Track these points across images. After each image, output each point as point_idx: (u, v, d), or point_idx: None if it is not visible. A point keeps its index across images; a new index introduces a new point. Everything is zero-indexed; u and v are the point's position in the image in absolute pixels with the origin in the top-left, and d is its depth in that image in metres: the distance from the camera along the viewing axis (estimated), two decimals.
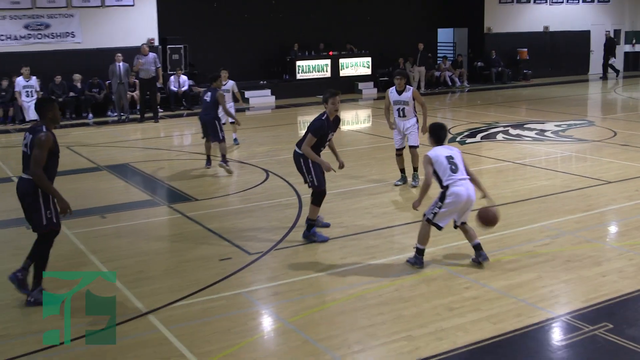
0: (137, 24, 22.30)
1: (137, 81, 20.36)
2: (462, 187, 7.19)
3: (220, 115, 12.76)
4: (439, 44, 30.93)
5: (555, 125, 17.10)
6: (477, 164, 12.89)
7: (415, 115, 11.01)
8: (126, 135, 17.58)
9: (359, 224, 9.10)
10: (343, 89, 25.74)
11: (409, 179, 11.36)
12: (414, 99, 10.85)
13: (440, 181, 7.26)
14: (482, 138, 15.68)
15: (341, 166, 8.66)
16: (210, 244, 8.49)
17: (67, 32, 21.42)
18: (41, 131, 6.45)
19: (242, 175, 12.46)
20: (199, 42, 24.29)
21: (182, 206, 10.35)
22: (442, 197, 7.23)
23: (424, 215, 7.38)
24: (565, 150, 14.12)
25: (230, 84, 15.21)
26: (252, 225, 9.23)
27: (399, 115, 10.95)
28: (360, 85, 26.24)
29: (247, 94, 24.09)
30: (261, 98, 24.29)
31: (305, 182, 8.47)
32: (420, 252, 7.44)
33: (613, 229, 8.93)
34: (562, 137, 15.61)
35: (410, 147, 11.06)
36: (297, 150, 8.42)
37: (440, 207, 7.25)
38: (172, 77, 22.29)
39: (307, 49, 26.15)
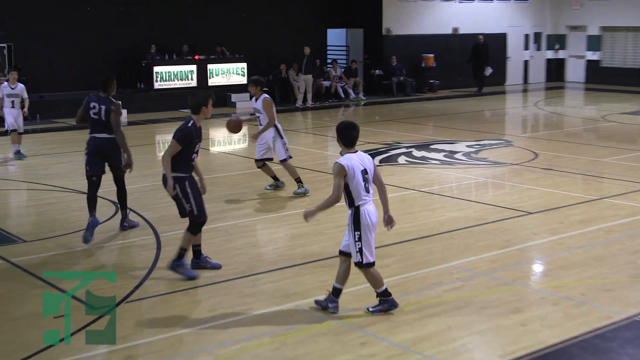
0: None
1: None
2: (372, 205, 7.42)
3: None
4: (329, 48, 31.54)
5: (467, 146, 17.74)
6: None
7: (275, 125, 12.72)
8: None
9: (231, 267, 9.09)
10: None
11: (281, 186, 13.17)
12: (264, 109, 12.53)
13: (350, 198, 7.39)
14: (381, 161, 16.02)
15: (203, 192, 8.91)
16: (41, 295, 8.24)
17: None
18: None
19: (86, 209, 12.19)
20: (28, 41, 23.69)
21: (4, 250, 10.00)
22: (356, 222, 7.34)
23: (356, 262, 7.44)
24: (479, 175, 14.65)
25: (20, 88, 16.87)
26: (98, 270, 9.03)
27: (261, 124, 12.70)
28: (234, 97, 26.34)
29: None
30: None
31: (183, 213, 8.69)
32: (336, 292, 7.60)
33: (535, 268, 9.32)
34: (475, 159, 16.20)
35: (281, 161, 12.81)
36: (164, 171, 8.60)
37: (360, 238, 7.35)
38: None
39: (168, 52, 26.06)
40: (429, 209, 11.93)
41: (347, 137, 7.50)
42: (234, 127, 11.84)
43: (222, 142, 20.26)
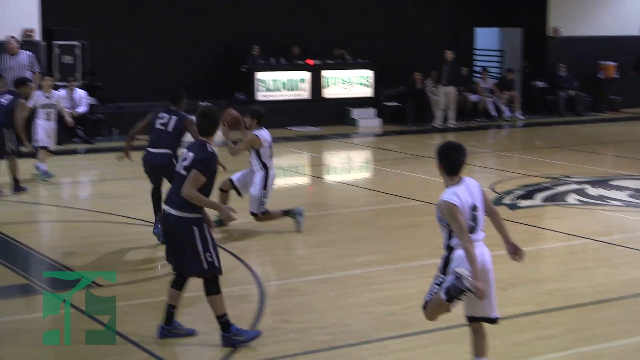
0: (6, 6, 22.45)
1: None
2: (480, 249, 7.39)
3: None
4: (477, 53, 31.42)
5: None
6: (535, 241, 13.05)
7: (264, 169, 13.21)
8: None
9: (352, 330, 9.14)
10: (328, 116, 26.06)
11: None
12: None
13: (448, 238, 7.44)
14: (544, 200, 15.85)
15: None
16: (122, 355, 8.45)
17: None
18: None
19: None
20: (104, 39, 24.48)
21: (75, 296, 10.28)
22: (444, 265, 7.42)
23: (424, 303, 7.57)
24: None
25: (56, 97, 17.93)
26: (188, 327, 9.23)
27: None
28: (355, 113, 26.50)
29: None
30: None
31: (197, 267, 8.50)
32: None
33: None
34: None
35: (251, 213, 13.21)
36: (176, 212, 8.46)
37: (441, 283, 7.44)
38: (60, 91, 22.37)
39: (274, 55, 26.44)
40: (608, 264, 11.71)
41: (452, 162, 7.48)
42: (230, 121, 12.99)
43: (340, 170, 20.43)
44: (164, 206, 8.64)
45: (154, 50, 25.50)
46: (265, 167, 13.12)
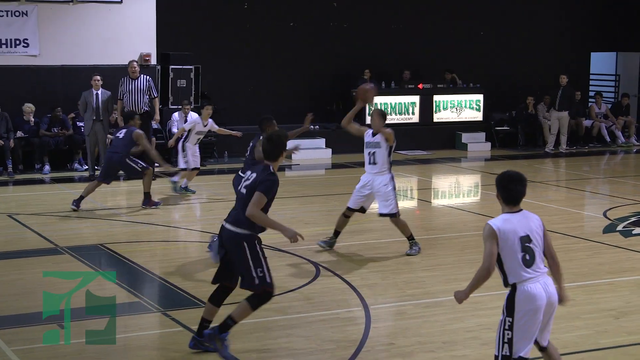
0: (124, 31, 22.95)
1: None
2: (537, 284, 7.20)
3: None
4: (592, 77, 30.99)
5: None
6: None
7: (390, 171, 13.25)
8: (103, 200, 17.89)
9: (459, 354, 9.06)
10: (438, 140, 26.03)
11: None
12: (386, 141, 13.06)
13: (503, 274, 7.26)
14: None
15: None
16: None
17: (17, 39, 22.14)
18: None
19: (279, 269, 12.55)
20: (217, 62, 24.82)
21: (185, 314, 10.40)
22: (509, 304, 7.19)
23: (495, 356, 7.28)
24: None
25: (210, 125, 18.74)
26: (291, 350, 9.28)
27: (370, 162, 13.28)
28: (465, 137, 26.36)
29: (289, 143, 24.28)
30: (309, 151, 24.48)
31: (250, 282, 8.61)
32: None
33: None
34: None
35: (382, 215, 13.28)
36: (235, 229, 8.67)
37: (511, 326, 7.18)
38: (175, 115, 22.74)
39: (385, 79, 26.47)
40: None
41: (510, 191, 7.35)
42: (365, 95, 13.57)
43: (448, 194, 20.30)
44: (224, 222, 8.88)
45: (265, 75, 25.74)
46: (390, 167, 13.22)
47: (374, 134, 13.16)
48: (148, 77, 20.64)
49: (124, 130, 16.94)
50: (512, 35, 28.76)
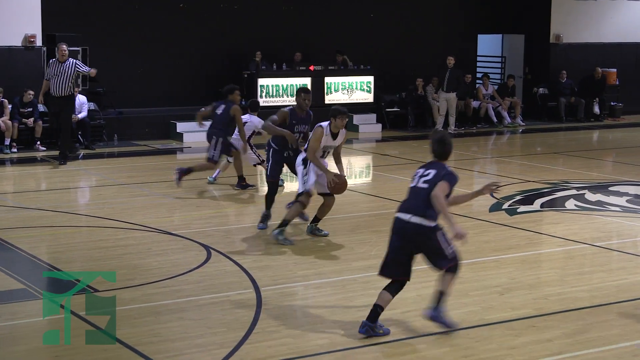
0: (9, 12, 22.49)
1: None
2: None
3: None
4: (480, 59, 31.46)
5: None
6: (533, 245, 13.12)
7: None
8: None
9: (349, 335, 9.15)
10: None
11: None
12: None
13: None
14: (543, 205, 15.89)
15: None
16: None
17: None
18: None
19: (170, 253, 12.51)
20: (105, 44, 24.51)
21: (73, 300, 10.26)
22: None
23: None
24: None
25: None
26: (181, 333, 9.26)
27: (321, 156, 13.04)
28: (356, 119, 26.53)
29: (181, 126, 24.22)
30: (202, 134, 24.29)
31: (444, 262, 9.19)
32: None
33: None
34: None
35: (329, 195, 13.28)
36: (418, 220, 9.19)
37: None
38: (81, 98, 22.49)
39: (276, 61, 26.50)
40: (605, 269, 11.72)
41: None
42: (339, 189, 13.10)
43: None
44: (400, 215, 9.28)
45: (155, 56, 25.54)
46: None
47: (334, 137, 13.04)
48: (75, 60, 20.38)
49: (223, 106, 16.85)
50: (402, 17, 29.01)
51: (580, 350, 8.71)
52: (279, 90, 26.14)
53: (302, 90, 13.75)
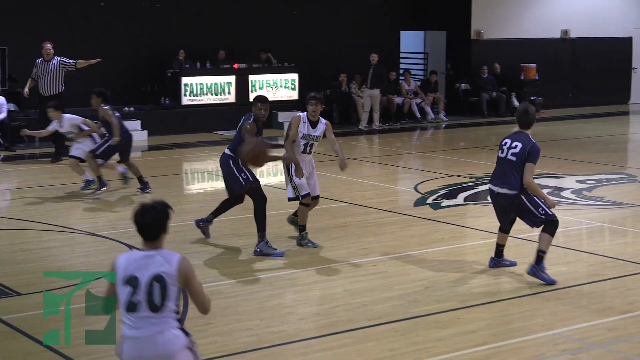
0: None
1: None
2: None
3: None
4: (402, 56, 31.69)
5: (578, 181, 17.71)
6: (457, 239, 13.30)
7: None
8: None
9: (277, 331, 9.21)
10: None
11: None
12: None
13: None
14: (466, 199, 16.13)
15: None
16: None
17: None
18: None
19: (95, 254, 12.46)
20: (24, 44, 24.22)
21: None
22: None
23: None
24: (593, 219, 14.60)
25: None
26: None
27: (305, 152, 12.69)
28: (282, 117, 26.54)
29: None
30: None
31: (537, 221, 10.83)
32: None
33: None
34: (588, 198, 16.15)
35: (316, 197, 12.92)
36: (509, 192, 10.79)
37: None
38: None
39: (200, 59, 26.42)
40: (527, 261, 11.87)
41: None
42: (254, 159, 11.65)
43: (265, 173, 20.45)
44: (491, 187, 10.99)
45: (76, 55, 25.22)
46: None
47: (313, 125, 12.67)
48: (60, 58, 20.40)
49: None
50: (326, 14, 29.09)
51: (503, 341, 8.86)
52: (202, 89, 26.08)
53: (257, 100, 12.33)
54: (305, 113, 12.57)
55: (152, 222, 6.11)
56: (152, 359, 5.99)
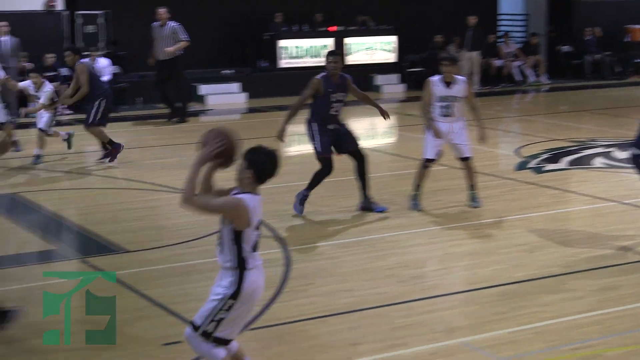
0: None
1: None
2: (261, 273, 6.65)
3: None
4: (500, 18, 31.28)
5: None
6: (561, 204, 13.08)
7: (463, 117, 12.61)
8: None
9: (379, 292, 9.18)
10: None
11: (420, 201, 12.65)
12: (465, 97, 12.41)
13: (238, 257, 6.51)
14: (570, 164, 15.86)
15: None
16: (150, 318, 8.57)
17: None
18: None
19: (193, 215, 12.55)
20: (126, 8, 24.48)
21: (103, 261, 10.39)
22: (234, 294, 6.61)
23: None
24: None
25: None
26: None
27: (443, 115, 12.34)
28: (379, 79, 26.51)
29: (203, 89, 24.21)
30: (224, 96, 24.44)
31: None
32: None
33: None
34: None
35: (464, 159, 12.67)
36: None
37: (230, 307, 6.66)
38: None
39: (297, 22, 26.42)
40: (634, 226, 11.66)
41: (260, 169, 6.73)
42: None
43: (364, 136, 20.39)
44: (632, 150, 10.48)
45: (178, 19, 25.44)
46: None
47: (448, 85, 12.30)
48: (174, 24, 20.83)
49: None
50: None
51: (610, 308, 8.69)
52: (300, 51, 26.08)
53: (328, 54, 12.47)
54: (439, 76, 12.29)
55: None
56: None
